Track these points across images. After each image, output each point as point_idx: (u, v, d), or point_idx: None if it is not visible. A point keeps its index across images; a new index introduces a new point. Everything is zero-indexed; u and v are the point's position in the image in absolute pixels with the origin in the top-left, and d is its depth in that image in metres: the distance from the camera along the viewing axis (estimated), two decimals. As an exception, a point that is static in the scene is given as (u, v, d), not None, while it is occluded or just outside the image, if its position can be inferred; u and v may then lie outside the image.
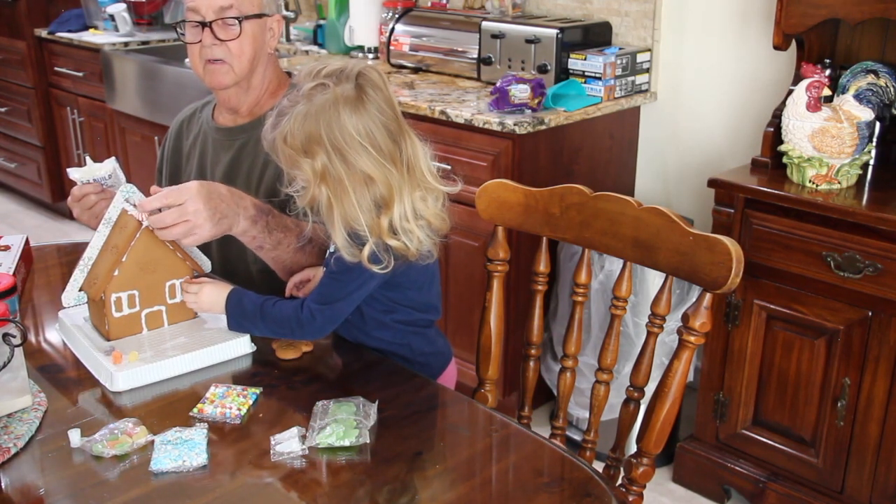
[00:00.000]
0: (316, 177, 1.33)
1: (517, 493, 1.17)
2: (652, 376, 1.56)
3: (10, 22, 4.44)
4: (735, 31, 2.67)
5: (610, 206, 1.55)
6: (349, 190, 1.32)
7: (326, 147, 1.32)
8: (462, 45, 3.02)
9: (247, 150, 1.87)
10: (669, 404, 1.44)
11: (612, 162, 2.87)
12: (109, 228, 1.49)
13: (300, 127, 1.33)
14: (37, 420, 1.27)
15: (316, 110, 1.32)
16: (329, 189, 1.33)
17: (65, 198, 4.57)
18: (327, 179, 1.33)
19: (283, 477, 1.18)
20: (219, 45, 1.78)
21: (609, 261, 2.42)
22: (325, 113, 1.32)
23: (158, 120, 3.69)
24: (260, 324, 1.45)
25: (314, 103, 1.32)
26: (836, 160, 2.11)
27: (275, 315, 1.43)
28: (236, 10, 1.78)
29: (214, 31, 1.78)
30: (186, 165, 1.97)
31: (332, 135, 1.31)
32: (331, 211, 1.34)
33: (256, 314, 1.44)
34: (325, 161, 1.32)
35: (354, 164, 1.32)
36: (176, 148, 2.00)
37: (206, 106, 2.00)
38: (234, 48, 1.79)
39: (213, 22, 1.77)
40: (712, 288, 1.41)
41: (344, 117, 1.31)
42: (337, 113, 1.31)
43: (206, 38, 1.78)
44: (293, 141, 1.34)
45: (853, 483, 2.15)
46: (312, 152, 1.33)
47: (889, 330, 2.02)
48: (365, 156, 1.32)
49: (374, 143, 1.33)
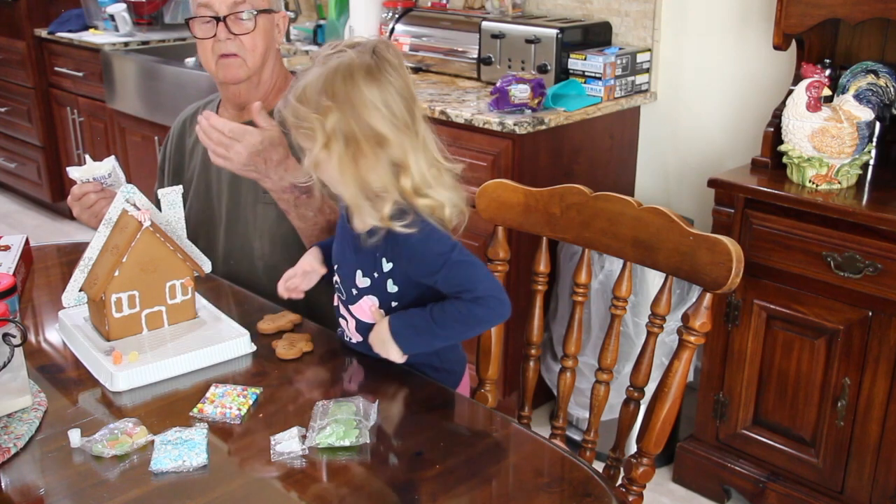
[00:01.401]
0: (326, 135, 1.26)
1: (517, 493, 1.17)
2: (652, 376, 1.56)
3: (10, 22, 4.44)
4: (735, 31, 2.67)
5: (610, 206, 1.55)
6: (364, 149, 1.27)
7: (341, 104, 1.26)
8: (462, 45, 3.02)
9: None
10: (669, 404, 1.44)
11: (612, 162, 2.87)
12: (110, 229, 1.49)
13: (314, 84, 1.27)
14: (37, 420, 1.27)
15: (331, 70, 1.27)
16: (341, 148, 1.27)
17: (65, 198, 4.57)
18: (339, 138, 1.26)
19: (283, 477, 1.18)
20: (233, 40, 1.79)
21: (609, 261, 2.42)
22: (340, 73, 1.27)
23: (158, 120, 3.69)
24: (437, 330, 1.35)
25: (330, 65, 1.28)
26: (836, 160, 2.11)
27: (452, 312, 1.34)
28: (249, 3, 1.79)
29: (228, 26, 1.78)
30: (190, 163, 1.97)
31: (347, 94, 1.26)
32: (343, 172, 1.28)
33: (429, 323, 1.35)
34: (339, 118, 1.26)
35: (369, 123, 1.27)
36: (179, 146, 2.00)
37: (208, 104, 2.00)
38: (247, 42, 1.79)
39: (227, 16, 1.77)
40: (712, 288, 1.41)
41: (359, 79, 1.27)
42: (352, 75, 1.27)
43: (221, 32, 1.78)
44: (305, 97, 1.27)
45: (853, 483, 2.15)
46: (325, 109, 1.26)
47: (889, 330, 2.02)
48: (379, 117, 1.27)
49: (389, 107, 1.28)
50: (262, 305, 1.67)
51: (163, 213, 1.55)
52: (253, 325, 1.55)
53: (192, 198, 1.94)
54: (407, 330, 1.37)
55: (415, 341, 1.38)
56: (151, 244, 1.46)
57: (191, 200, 1.94)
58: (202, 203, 1.93)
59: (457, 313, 1.34)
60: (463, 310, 1.34)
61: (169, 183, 1.97)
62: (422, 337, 1.37)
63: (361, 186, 1.29)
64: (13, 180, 4.90)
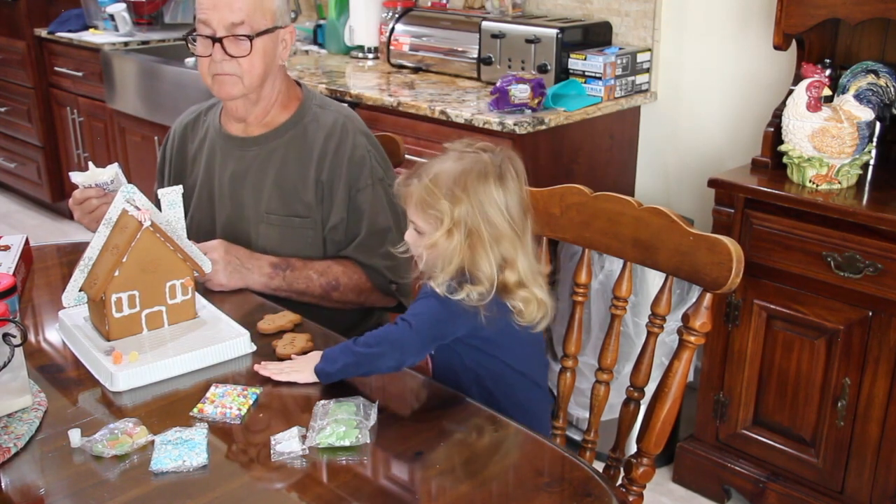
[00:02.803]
0: (452, 222, 1.35)
1: (517, 493, 1.16)
2: (652, 376, 1.56)
3: (10, 22, 4.44)
4: (735, 31, 2.67)
5: (610, 206, 1.55)
6: (482, 240, 1.35)
7: (471, 198, 1.35)
8: (462, 45, 3.02)
9: (257, 161, 1.85)
10: (669, 404, 1.44)
11: (612, 162, 2.87)
12: (110, 229, 1.49)
13: (449, 174, 1.36)
14: (37, 420, 1.27)
15: (468, 166, 1.37)
16: (461, 237, 1.35)
17: (65, 198, 4.57)
18: (462, 227, 1.35)
19: (283, 477, 1.18)
20: (229, 61, 1.76)
21: (609, 261, 2.42)
22: (475, 171, 1.37)
23: (158, 120, 3.69)
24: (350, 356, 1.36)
25: (466, 161, 1.38)
26: (836, 160, 2.11)
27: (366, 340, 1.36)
28: (248, 26, 1.75)
29: (225, 47, 1.75)
30: (192, 168, 1.95)
31: (477, 191, 1.36)
32: (455, 257, 1.35)
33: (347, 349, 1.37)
34: (468, 210, 1.35)
35: (491, 220, 1.36)
36: (181, 150, 1.98)
37: (210, 109, 1.98)
38: (244, 64, 1.76)
39: (223, 38, 1.74)
40: (712, 288, 1.41)
41: (491, 181, 1.37)
42: (486, 175, 1.36)
43: (217, 53, 1.75)
44: (439, 182, 1.36)
45: (853, 483, 2.15)
46: (457, 199, 1.35)
47: (889, 330, 2.02)
48: (500, 217, 1.37)
49: (509, 210, 1.38)
50: (262, 305, 1.67)
51: (163, 213, 1.55)
52: (253, 325, 1.55)
53: (194, 207, 1.92)
54: (333, 349, 1.38)
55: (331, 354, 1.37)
56: (151, 244, 1.46)
57: (193, 209, 1.92)
58: (204, 213, 1.91)
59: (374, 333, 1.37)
60: (381, 331, 1.37)
61: (169, 185, 1.96)
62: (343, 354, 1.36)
63: (463, 270, 1.36)
64: (13, 180, 4.90)
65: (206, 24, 1.75)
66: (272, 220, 1.82)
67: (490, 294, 1.35)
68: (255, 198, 1.84)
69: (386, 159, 1.89)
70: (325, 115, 1.86)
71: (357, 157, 1.82)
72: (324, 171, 1.80)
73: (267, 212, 1.83)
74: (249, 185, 1.85)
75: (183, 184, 1.94)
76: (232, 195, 1.86)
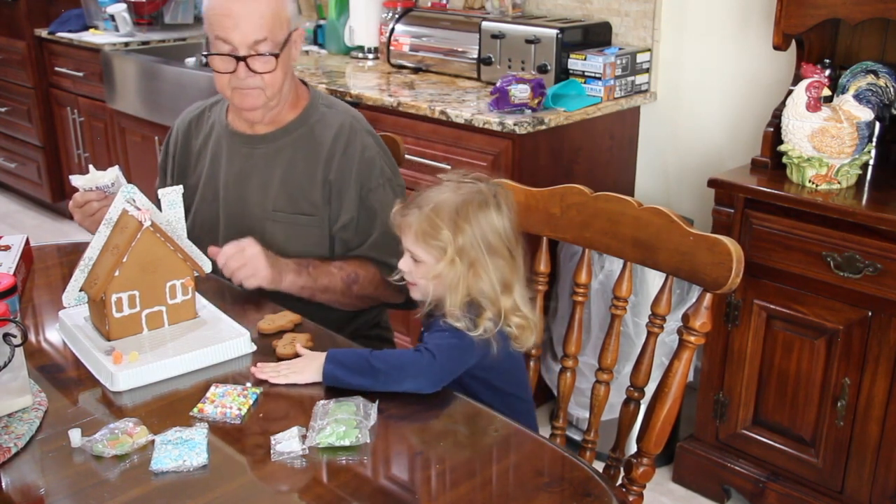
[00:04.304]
0: (456, 251, 1.39)
1: (517, 493, 1.17)
2: (652, 376, 1.56)
3: (10, 22, 4.44)
4: (735, 31, 2.67)
5: (610, 206, 1.55)
6: (485, 266, 1.41)
7: (473, 226, 1.40)
8: (462, 45, 3.02)
9: (264, 159, 1.85)
10: (669, 404, 1.45)
11: (612, 162, 2.87)
12: (110, 229, 1.49)
13: (450, 204, 1.41)
14: (37, 420, 1.27)
15: (468, 196, 1.42)
16: (465, 264, 1.40)
17: (65, 198, 4.57)
18: (465, 255, 1.40)
19: (283, 477, 1.18)
20: (252, 77, 1.74)
21: (609, 261, 2.42)
22: (476, 200, 1.42)
23: (158, 120, 3.69)
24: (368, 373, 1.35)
25: (464, 190, 1.43)
26: (835, 160, 2.11)
27: (385, 358, 1.36)
28: (270, 41, 1.73)
29: (249, 65, 1.72)
30: (196, 165, 1.94)
31: (478, 218, 1.41)
32: (459, 284, 1.40)
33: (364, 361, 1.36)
34: (470, 238, 1.40)
35: (492, 244, 1.42)
36: (185, 147, 1.96)
37: (215, 105, 1.97)
38: (267, 77, 1.75)
39: (246, 57, 1.72)
40: (712, 288, 1.41)
41: (491, 208, 1.42)
42: (486, 203, 1.42)
43: (241, 71, 1.72)
44: (442, 212, 1.40)
45: (853, 483, 2.15)
46: (460, 228, 1.40)
47: (889, 330, 2.02)
48: (500, 241, 1.43)
49: (507, 234, 1.44)
50: (262, 305, 1.67)
51: (163, 212, 1.55)
52: (253, 325, 1.55)
53: (199, 203, 1.92)
54: (344, 355, 1.38)
55: (344, 361, 1.37)
56: (152, 244, 1.46)
57: (197, 205, 1.92)
58: (209, 209, 1.91)
59: (393, 354, 1.38)
60: (402, 354, 1.38)
61: (171, 183, 1.96)
62: (358, 365, 1.36)
63: (468, 296, 1.41)
64: (13, 180, 4.90)
65: (227, 42, 1.72)
66: (278, 218, 1.82)
67: (500, 320, 1.40)
68: (262, 195, 1.84)
69: (392, 160, 1.90)
70: (332, 115, 1.86)
71: (367, 158, 1.82)
72: (332, 171, 1.81)
73: (274, 209, 1.82)
74: (256, 183, 1.85)
75: (186, 180, 1.94)
76: (238, 192, 1.86)
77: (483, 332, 1.39)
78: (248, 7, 1.71)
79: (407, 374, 1.35)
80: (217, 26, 1.72)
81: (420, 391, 1.35)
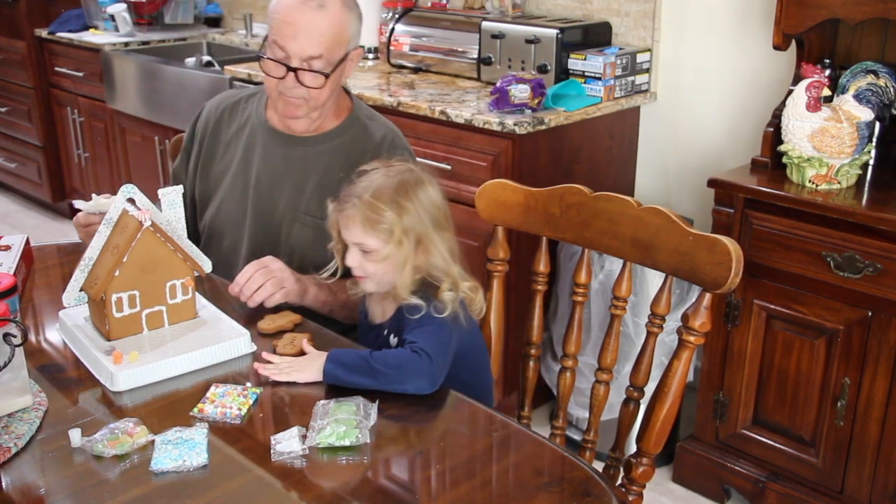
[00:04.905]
0: (402, 231, 1.41)
1: (517, 493, 1.17)
2: (652, 376, 1.56)
3: (10, 22, 4.44)
4: (735, 31, 2.67)
5: (610, 206, 1.55)
6: (436, 239, 1.43)
7: (415, 204, 1.42)
8: (462, 45, 3.02)
9: (301, 162, 1.83)
10: (669, 404, 1.45)
11: (612, 162, 2.87)
12: (110, 229, 1.49)
13: (388, 186, 1.43)
14: (37, 420, 1.27)
15: (402, 175, 1.45)
16: (412, 242, 1.42)
17: (65, 198, 4.58)
18: (411, 234, 1.42)
19: (283, 477, 1.18)
20: (299, 88, 1.72)
21: (609, 261, 2.42)
22: (412, 179, 1.45)
23: (158, 120, 3.69)
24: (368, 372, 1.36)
25: (394, 170, 1.46)
26: (835, 160, 2.11)
27: (385, 359, 1.36)
28: (325, 59, 1.71)
29: (299, 77, 1.71)
30: (225, 153, 1.91)
31: (418, 195, 1.43)
32: (408, 262, 1.42)
33: (363, 362, 1.36)
34: (415, 216, 1.42)
35: (436, 218, 1.45)
36: (214, 133, 1.92)
37: (252, 97, 1.94)
38: (313, 93, 1.74)
39: (298, 69, 1.71)
40: (712, 288, 1.41)
41: (426, 184, 1.46)
42: (421, 180, 1.45)
43: (289, 80, 1.72)
44: (382, 196, 1.41)
45: (853, 483, 2.16)
46: (403, 208, 1.41)
47: (889, 330, 2.02)
48: (441, 215, 1.46)
49: (444, 205, 1.47)
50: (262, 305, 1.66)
51: (163, 212, 1.55)
52: (253, 325, 1.55)
53: (226, 192, 1.88)
54: (345, 354, 1.39)
55: (346, 360, 1.37)
56: (152, 244, 1.46)
57: (224, 195, 1.89)
58: (237, 202, 1.87)
59: (392, 355, 1.38)
60: (400, 354, 1.37)
61: (193, 164, 1.93)
62: (358, 365, 1.36)
63: (421, 273, 1.44)
64: (13, 180, 4.90)
65: (283, 49, 1.71)
66: (307, 222, 1.80)
67: (456, 290, 1.43)
68: (294, 197, 1.82)
69: None
70: (374, 128, 1.85)
71: None
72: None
73: (305, 213, 1.80)
74: (289, 184, 1.82)
75: (212, 167, 1.90)
76: (269, 190, 1.84)
77: (451, 309, 1.41)
78: (312, 21, 1.69)
79: (407, 375, 1.35)
80: (277, 31, 1.71)
81: (420, 392, 1.35)
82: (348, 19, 1.74)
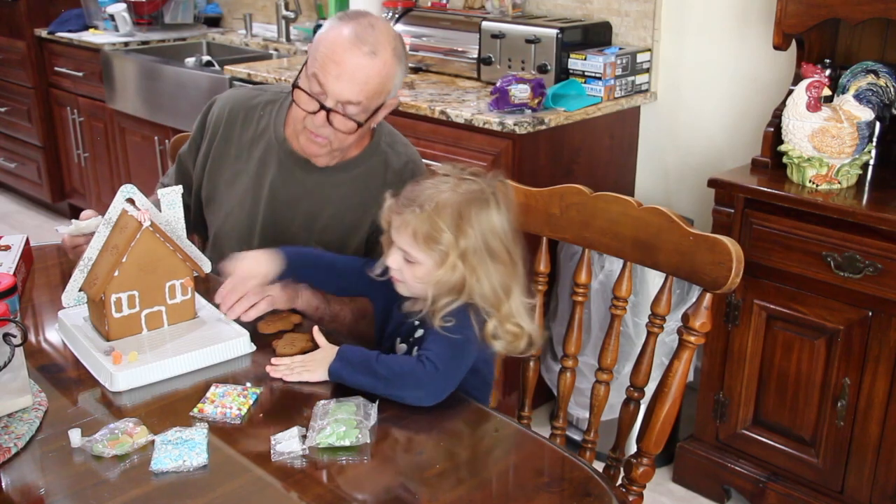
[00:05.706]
0: (459, 254, 1.34)
1: (517, 493, 1.17)
2: (652, 376, 1.56)
3: (10, 22, 4.44)
4: (735, 31, 2.67)
5: (610, 206, 1.55)
6: (489, 269, 1.36)
7: (475, 228, 1.35)
8: (462, 45, 3.02)
9: (318, 189, 1.78)
10: (669, 404, 1.45)
11: (612, 162, 2.87)
12: (110, 229, 1.49)
13: (451, 205, 1.35)
14: (37, 420, 1.27)
15: (468, 195, 1.37)
16: (467, 267, 1.35)
17: (65, 198, 4.58)
18: (468, 258, 1.35)
19: (283, 477, 1.18)
20: (327, 127, 1.65)
21: (609, 261, 2.42)
22: (476, 201, 1.37)
23: (158, 120, 3.69)
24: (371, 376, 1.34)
25: (464, 188, 1.37)
26: (836, 160, 2.11)
27: (389, 364, 1.34)
28: (362, 107, 1.65)
29: (330, 118, 1.64)
30: (236, 161, 1.83)
31: (480, 220, 1.36)
32: (456, 287, 1.36)
33: (368, 364, 1.34)
34: (473, 241, 1.35)
35: (492, 249, 1.37)
36: (228, 133, 1.85)
37: (269, 105, 1.85)
38: (340, 136, 1.68)
39: (331, 110, 1.63)
40: (712, 288, 1.41)
41: (492, 208, 1.37)
42: (487, 203, 1.37)
43: (319, 119, 1.64)
44: (443, 213, 1.34)
45: (853, 483, 2.15)
46: (462, 231, 1.34)
47: (889, 330, 2.02)
48: (500, 245, 1.38)
49: (507, 235, 1.39)
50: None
51: (163, 212, 1.55)
52: (253, 325, 1.55)
53: (236, 205, 1.82)
54: (353, 353, 1.37)
55: (352, 358, 1.36)
56: (151, 244, 1.46)
57: (230, 209, 1.83)
58: (245, 217, 1.82)
59: (397, 360, 1.36)
60: (405, 362, 1.35)
61: (202, 159, 1.87)
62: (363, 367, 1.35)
63: (465, 299, 1.37)
64: (13, 180, 4.90)
65: (321, 86, 1.62)
66: (321, 242, 1.76)
67: (497, 326, 1.37)
68: (308, 224, 1.78)
69: None
70: (393, 158, 1.79)
71: None
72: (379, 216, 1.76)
73: (318, 242, 1.76)
74: (303, 209, 1.78)
75: (221, 170, 1.84)
76: (282, 213, 1.79)
77: (479, 332, 1.36)
78: (361, 67, 1.61)
79: (406, 384, 1.31)
80: (320, 66, 1.62)
81: (419, 403, 1.32)
82: (395, 71, 1.67)
